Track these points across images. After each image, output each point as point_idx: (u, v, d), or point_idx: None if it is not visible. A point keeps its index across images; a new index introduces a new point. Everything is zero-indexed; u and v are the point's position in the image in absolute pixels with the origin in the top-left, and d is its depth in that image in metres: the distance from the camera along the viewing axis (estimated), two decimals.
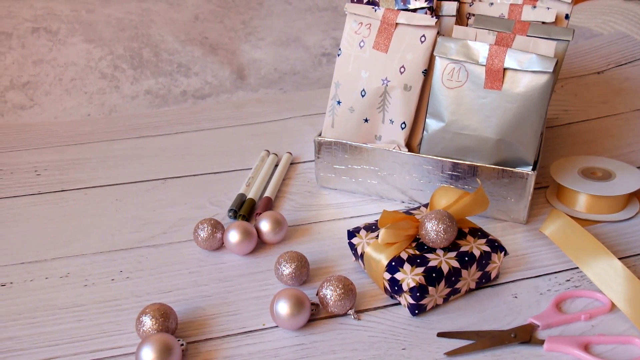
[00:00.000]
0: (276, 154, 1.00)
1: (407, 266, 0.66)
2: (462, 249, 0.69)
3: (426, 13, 0.84)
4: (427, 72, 0.84)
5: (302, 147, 1.04)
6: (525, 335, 0.64)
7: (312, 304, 0.66)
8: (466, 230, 0.72)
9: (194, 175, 0.97)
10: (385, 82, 0.84)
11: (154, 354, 0.58)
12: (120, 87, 1.29)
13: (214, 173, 0.98)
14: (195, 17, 1.53)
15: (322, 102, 1.20)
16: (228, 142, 1.08)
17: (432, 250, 0.69)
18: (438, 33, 0.83)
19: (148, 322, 0.62)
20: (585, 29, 1.48)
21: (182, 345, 0.62)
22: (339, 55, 0.87)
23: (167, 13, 1.51)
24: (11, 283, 0.74)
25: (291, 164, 1.00)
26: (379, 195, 0.89)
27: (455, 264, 0.67)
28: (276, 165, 0.98)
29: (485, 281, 0.71)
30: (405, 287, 0.65)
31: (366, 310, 0.69)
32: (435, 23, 0.82)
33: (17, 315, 0.69)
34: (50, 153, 1.04)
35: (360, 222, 0.82)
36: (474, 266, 0.68)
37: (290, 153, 1.01)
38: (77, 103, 1.25)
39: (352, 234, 0.74)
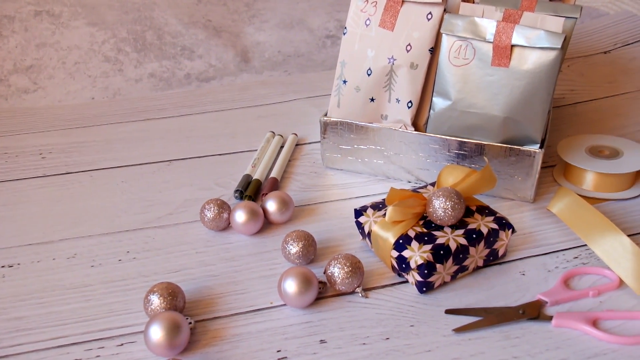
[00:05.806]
0: (281, 135, 1.00)
1: (414, 244, 0.66)
2: (470, 226, 0.68)
3: None
4: (434, 50, 0.83)
5: (308, 128, 1.04)
6: (534, 312, 0.63)
7: (320, 282, 0.66)
8: (473, 208, 0.72)
9: (199, 157, 0.97)
10: (392, 60, 0.83)
11: (162, 332, 0.58)
12: (124, 71, 1.29)
13: (220, 155, 0.98)
14: (198, 0, 1.52)
15: (327, 84, 1.20)
16: (233, 124, 1.07)
17: (440, 227, 0.68)
18: (445, 10, 0.82)
19: (156, 300, 0.62)
20: (592, 9, 1.46)
21: (190, 323, 0.62)
22: (344, 34, 0.86)
23: None
24: (18, 264, 0.74)
25: (296, 145, 0.99)
26: (385, 175, 0.89)
27: (463, 241, 0.67)
28: (282, 147, 0.98)
29: (492, 259, 0.71)
30: (413, 265, 0.65)
31: (373, 288, 0.69)
32: (442, 0, 0.81)
33: (26, 296, 0.69)
34: (55, 136, 1.04)
35: (366, 202, 0.82)
36: (482, 243, 0.68)
37: (296, 134, 1.01)
38: (81, 86, 1.24)
39: (359, 212, 0.74)
